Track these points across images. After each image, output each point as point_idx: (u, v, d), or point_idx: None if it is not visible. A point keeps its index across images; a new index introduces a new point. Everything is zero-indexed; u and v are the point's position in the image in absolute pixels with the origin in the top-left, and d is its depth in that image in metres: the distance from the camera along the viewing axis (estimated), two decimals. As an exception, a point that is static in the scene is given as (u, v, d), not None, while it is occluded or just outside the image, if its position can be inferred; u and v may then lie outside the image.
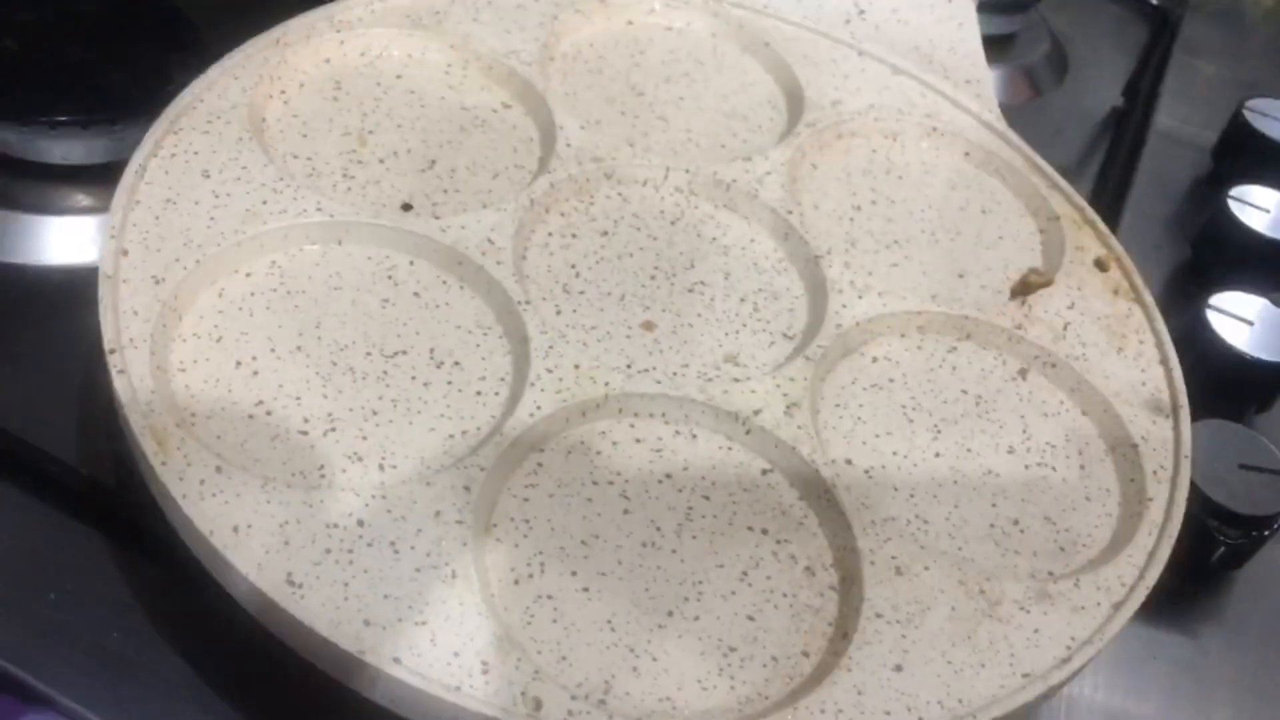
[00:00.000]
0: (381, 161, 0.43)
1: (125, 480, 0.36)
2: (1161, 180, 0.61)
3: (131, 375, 0.33)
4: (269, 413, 0.35)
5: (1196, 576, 0.42)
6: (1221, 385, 0.46)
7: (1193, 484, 0.40)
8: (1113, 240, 0.46)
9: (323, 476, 0.33)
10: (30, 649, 0.33)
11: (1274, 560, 0.42)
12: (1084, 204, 0.47)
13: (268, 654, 0.31)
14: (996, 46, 0.67)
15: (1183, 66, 0.70)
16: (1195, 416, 0.42)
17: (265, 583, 0.29)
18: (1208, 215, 0.55)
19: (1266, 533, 0.41)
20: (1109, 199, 0.58)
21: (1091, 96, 0.68)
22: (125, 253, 0.37)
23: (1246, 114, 0.60)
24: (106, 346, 0.34)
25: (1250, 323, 0.47)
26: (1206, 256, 0.55)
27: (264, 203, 0.39)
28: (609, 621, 0.32)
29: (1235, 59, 0.71)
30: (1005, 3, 0.66)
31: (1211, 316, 0.47)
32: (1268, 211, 0.54)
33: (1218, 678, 0.40)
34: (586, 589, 0.32)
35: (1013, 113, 0.65)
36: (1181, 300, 0.50)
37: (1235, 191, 0.54)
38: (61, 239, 0.45)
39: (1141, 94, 0.67)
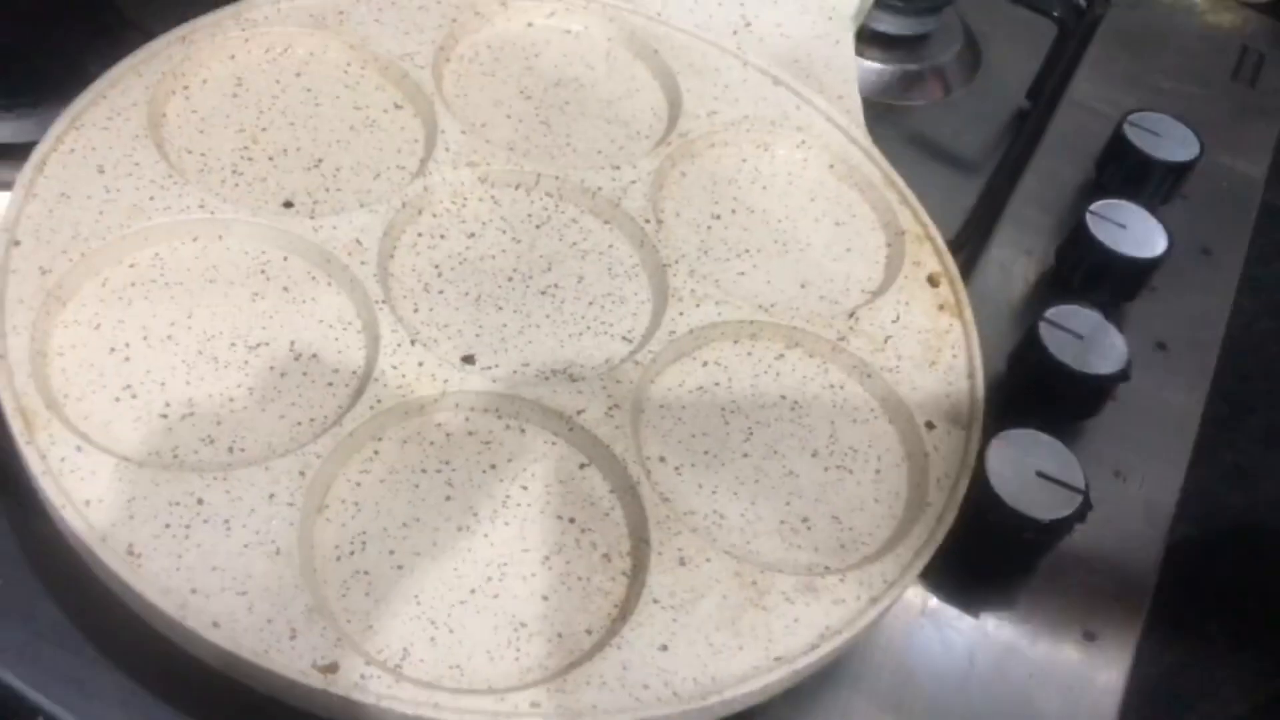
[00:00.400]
0: (271, 159, 0.47)
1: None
2: (1052, 185, 0.64)
3: (10, 360, 0.37)
4: (134, 396, 0.39)
5: (997, 569, 0.46)
6: (1049, 396, 0.50)
7: (992, 488, 0.44)
8: (947, 257, 0.50)
9: (175, 457, 0.38)
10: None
11: (1066, 555, 0.47)
12: (928, 220, 0.51)
13: (126, 606, 0.36)
14: (909, 46, 0.69)
15: (1100, 70, 0.72)
16: (1023, 424, 0.46)
17: (107, 553, 0.34)
18: (1070, 226, 0.58)
19: (1055, 535, 0.45)
20: (992, 202, 0.61)
21: (1000, 97, 0.70)
22: (17, 244, 0.41)
23: (1127, 128, 0.63)
24: (-11, 333, 0.38)
25: (1081, 336, 0.51)
26: (1065, 267, 0.58)
27: (151, 199, 0.43)
28: (416, 596, 0.36)
29: (1151, 67, 0.74)
30: (920, 6, 0.68)
31: (1044, 330, 0.51)
32: (1124, 227, 0.57)
33: (1013, 655, 0.44)
34: (400, 566, 0.37)
35: (920, 111, 0.68)
36: (1033, 309, 0.54)
37: (1097, 206, 0.57)
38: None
39: (1042, 99, 0.69)
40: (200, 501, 0.36)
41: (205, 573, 0.35)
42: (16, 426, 0.36)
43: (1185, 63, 0.74)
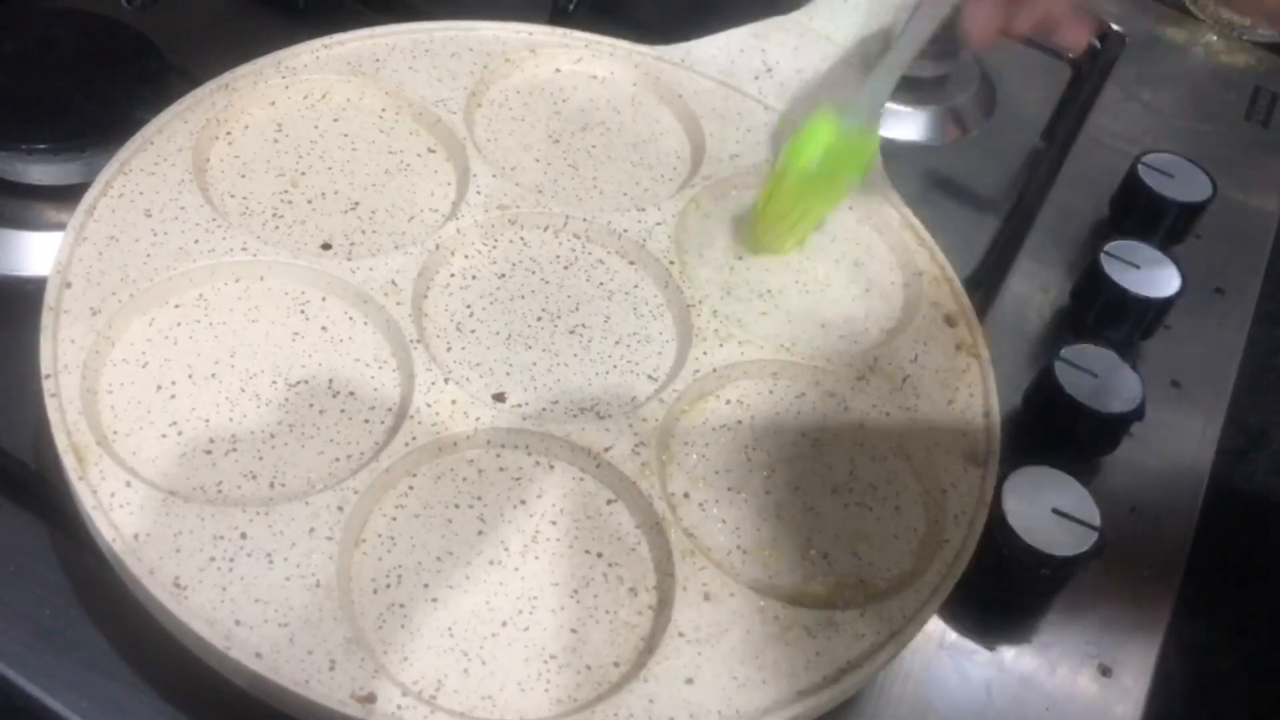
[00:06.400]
0: (310, 202, 0.49)
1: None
2: (1067, 223, 0.65)
3: (62, 398, 0.39)
4: (180, 433, 0.40)
5: (1013, 604, 0.47)
6: (1064, 433, 0.51)
7: (1009, 525, 0.45)
8: (963, 298, 0.51)
9: (220, 492, 0.39)
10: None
11: (1082, 590, 0.48)
12: (945, 262, 0.52)
13: (169, 635, 0.37)
14: (927, 88, 0.71)
15: (1114, 110, 0.74)
16: (1039, 461, 0.47)
17: (155, 585, 0.36)
18: (1084, 266, 0.59)
19: (1071, 571, 0.46)
20: (1008, 241, 0.63)
21: (1016, 137, 0.72)
22: (69, 285, 0.43)
23: (1140, 169, 0.64)
24: (43, 372, 0.40)
25: (1096, 375, 0.52)
26: (1080, 306, 0.59)
27: (196, 241, 0.45)
28: (449, 629, 0.38)
29: (1165, 107, 0.75)
30: (937, 48, 0.70)
31: (1059, 368, 0.52)
32: (1138, 268, 0.58)
33: (1030, 689, 0.45)
34: (435, 599, 0.38)
35: (937, 151, 0.69)
36: (1048, 348, 0.55)
37: (1111, 246, 0.58)
38: (38, 251, 0.51)
39: (1058, 139, 0.71)
40: (244, 535, 0.37)
41: (248, 605, 0.36)
42: (69, 462, 0.38)
43: (1199, 103, 0.75)
